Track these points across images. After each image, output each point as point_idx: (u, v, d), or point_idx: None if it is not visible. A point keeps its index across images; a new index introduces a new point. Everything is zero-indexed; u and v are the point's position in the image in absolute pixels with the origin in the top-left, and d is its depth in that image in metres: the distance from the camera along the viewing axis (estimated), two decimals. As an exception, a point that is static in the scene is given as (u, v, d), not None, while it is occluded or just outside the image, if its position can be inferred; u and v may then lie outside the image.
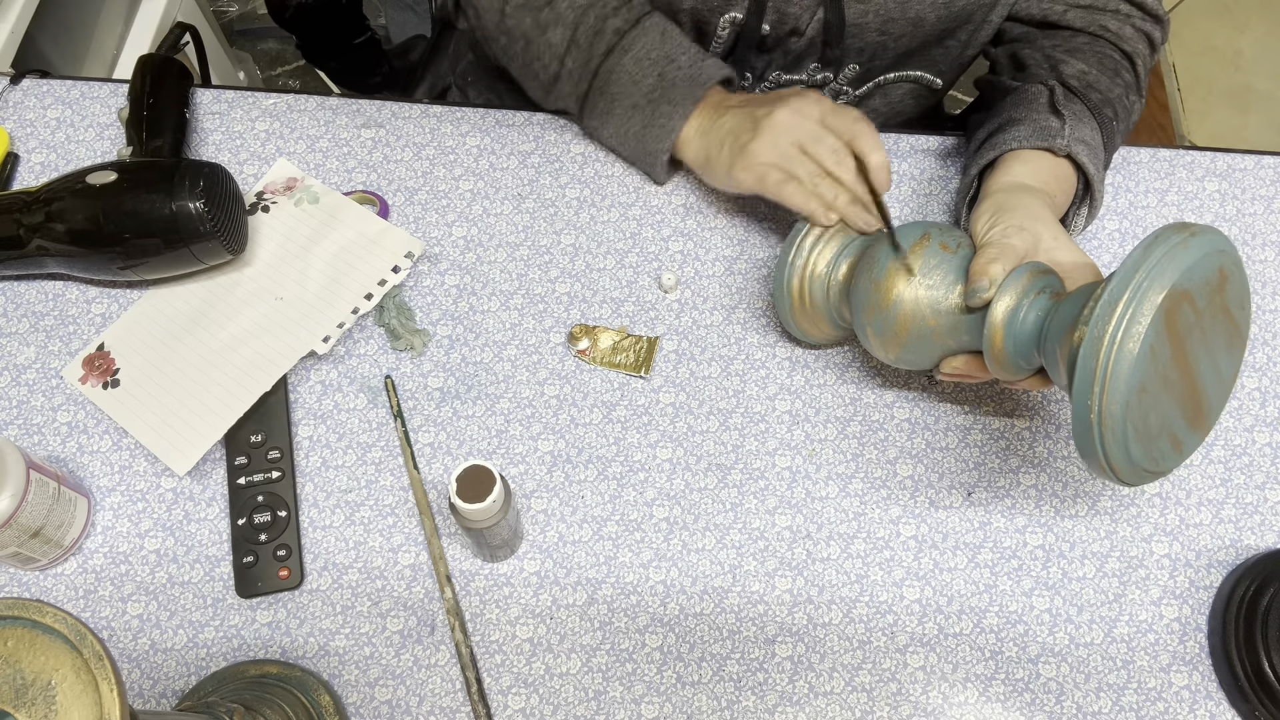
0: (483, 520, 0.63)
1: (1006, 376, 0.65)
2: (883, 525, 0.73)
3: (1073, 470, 0.74)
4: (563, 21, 0.79)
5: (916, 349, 0.66)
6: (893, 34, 0.81)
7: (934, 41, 0.83)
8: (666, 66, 0.78)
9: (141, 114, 0.80)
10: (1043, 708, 0.68)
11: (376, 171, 0.84)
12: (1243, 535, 0.72)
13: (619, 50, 0.79)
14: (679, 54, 0.78)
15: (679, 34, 0.80)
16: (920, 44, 0.83)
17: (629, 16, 0.79)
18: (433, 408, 0.76)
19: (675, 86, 0.78)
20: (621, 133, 0.81)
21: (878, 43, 0.82)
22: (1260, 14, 1.83)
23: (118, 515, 0.73)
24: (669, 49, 0.79)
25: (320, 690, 0.66)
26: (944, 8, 0.79)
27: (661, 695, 0.68)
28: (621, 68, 0.79)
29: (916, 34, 0.81)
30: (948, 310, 0.64)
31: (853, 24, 0.79)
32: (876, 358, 0.73)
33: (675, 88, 0.78)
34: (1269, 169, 0.84)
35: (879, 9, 0.78)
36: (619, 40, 0.79)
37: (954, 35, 0.83)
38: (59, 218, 0.73)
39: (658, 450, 0.75)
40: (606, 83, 0.79)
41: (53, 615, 0.44)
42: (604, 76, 0.79)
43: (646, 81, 0.78)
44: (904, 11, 0.79)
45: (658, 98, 0.78)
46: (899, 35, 0.81)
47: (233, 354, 0.75)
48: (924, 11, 0.79)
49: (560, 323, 0.79)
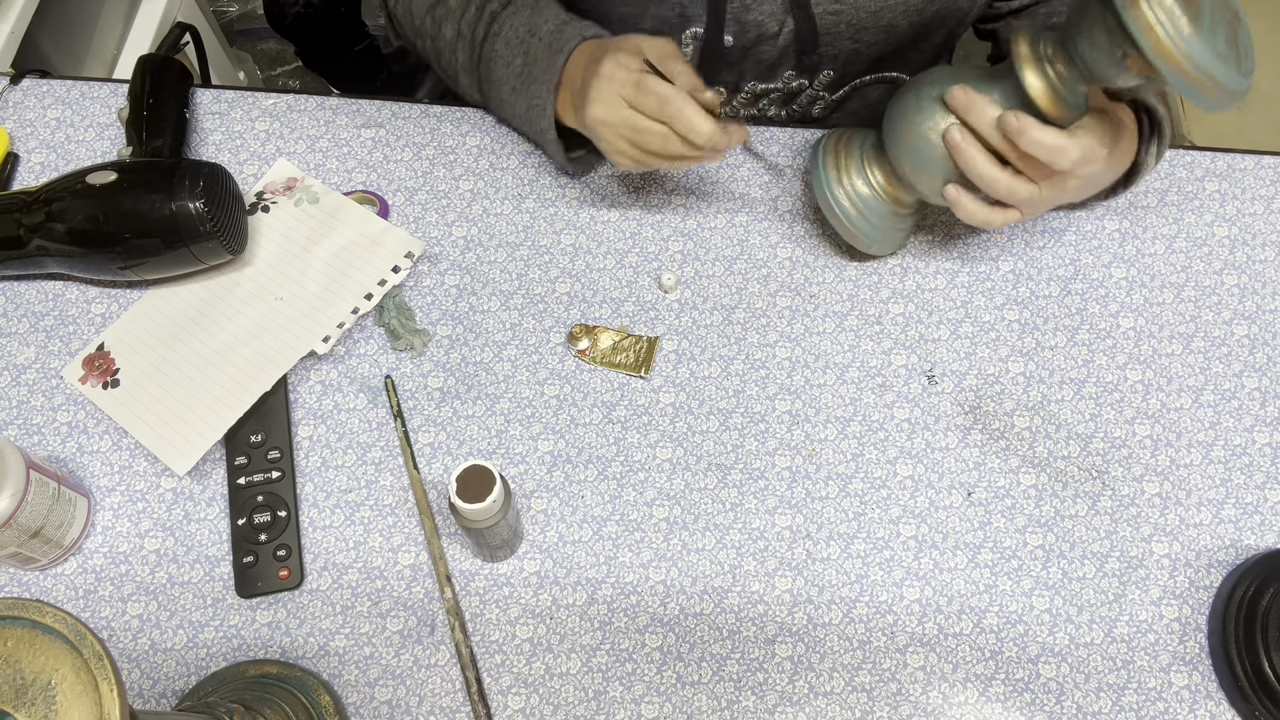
0: (483, 520, 0.63)
1: (1060, 112, 0.63)
2: (883, 525, 0.73)
3: (1073, 470, 0.74)
4: (451, 16, 0.78)
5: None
6: (865, 40, 0.81)
7: (909, 45, 0.83)
8: (530, 42, 0.75)
9: (141, 114, 0.80)
10: (1043, 708, 0.68)
11: (376, 171, 0.84)
12: (1243, 535, 0.72)
13: (492, 35, 0.76)
14: (541, 25, 0.75)
15: (551, 3, 0.76)
16: (894, 49, 0.83)
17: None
18: (433, 408, 0.76)
19: (537, 62, 0.75)
20: (514, 119, 0.79)
21: (852, 49, 0.82)
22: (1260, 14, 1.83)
23: (118, 515, 0.73)
24: (534, 22, 0.75)
25: (320, 690, 0.66)
26: (916, 14, 0.79)
27: (661, 695, 0.68)
28: (495, 53, 0.77)
29: (890, 40, 0.81)
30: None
31: (826, 32, 0.79)
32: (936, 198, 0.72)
33: (537, 63, 0.75)
34: (1269, 169, 0.84)
35: (850, 18, 0.78)
36: (491, 24, 0.76)
37: (928, 39, 0.83)
38: (59, 218, 0.73)
39: (658, 450, 0.75)
40: (490, 70, 0.78)
41: (53, 615, 0.44)
42: (486, 64, 0.77)
43: (516, 62, 0.76)
44: (876, 20, 0.78)
45: (527, 77, 0.76)
46: (872, 42, 0.81)
47: (233, 354, 0.75)
48: (896, 19, 0.78)
49: (560, 323, 0.79)
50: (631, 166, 0.72)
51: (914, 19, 0.79)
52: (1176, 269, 0.81)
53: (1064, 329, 0.79)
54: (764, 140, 0.85)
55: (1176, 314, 0.79)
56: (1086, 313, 0.79)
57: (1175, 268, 0.81)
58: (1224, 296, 0.80)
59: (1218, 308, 0.79)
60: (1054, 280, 0.80)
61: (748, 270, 0.81)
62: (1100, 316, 0.79)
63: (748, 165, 0.84)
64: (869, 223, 0.74)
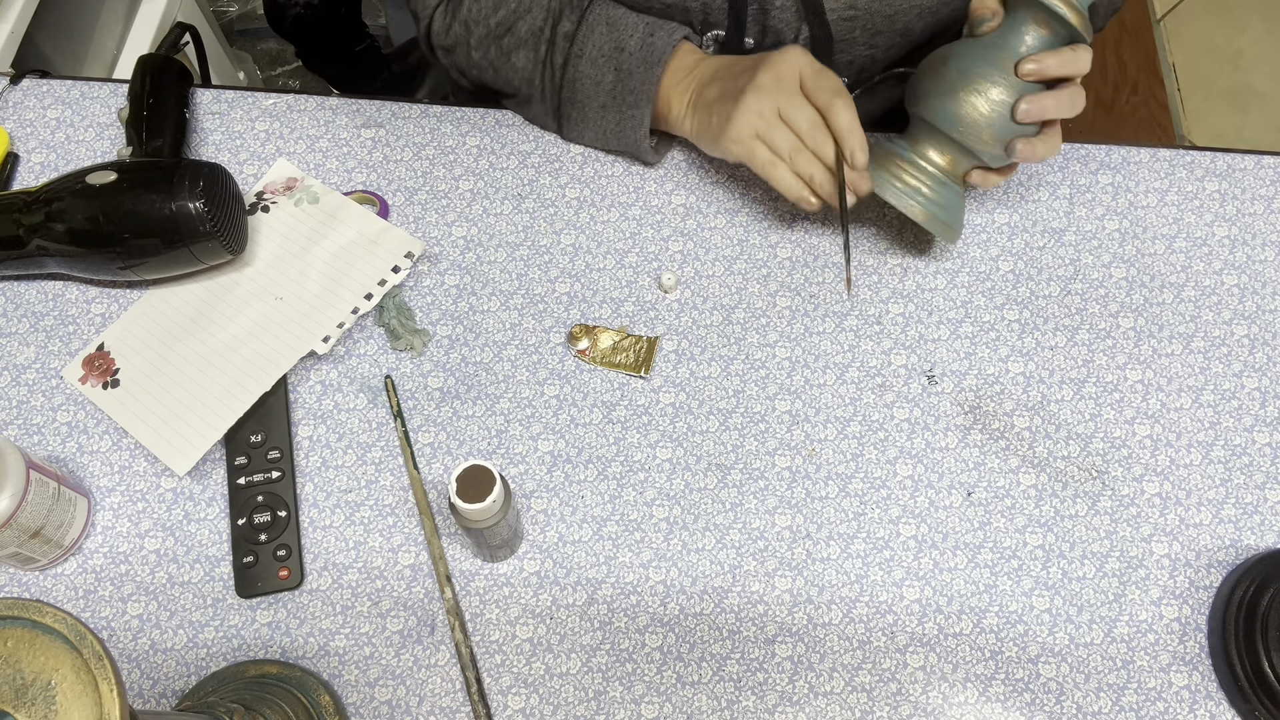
0: (483, 520, 0.63)
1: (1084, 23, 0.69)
2: (883, 525, 0.73)
3: (1073, 470, 0.74)
4: (524, 45, 0.79)
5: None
6: (881, 46, 0.81)
7: (923, 44, 0.83)
8: (619, 58, 0.77)
9: (141, 114, 0.80)
10: (1043, 708, 0.68)
11: (376, 171, 0.84)
12: (1243, 535, 0.72)
13: (574, 57, 0.78)
14: (627, 39, 0.77)
15: (625, 15, 0.78)
16: (909, 52, 0.83)
17: (574, 16, 0.78)
18: (433, 408, 0.76)
19: (632, 75, 0.76)
20: (601, 134, 0.81)
21: (866, 56, 0.82)
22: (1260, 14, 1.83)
23: (118, 515, 0.73)
24: (618, 37, 0.77)
25: (320, 690, 0.66)
26: (931, 15, 0.79)
27: (661, 695, 0.68)
28: (581, 74, 0.78)
29: (905, 43, 0.81)
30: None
31: (841, 38, 0.79)
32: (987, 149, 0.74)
33: (632, 76, 0.76)
34: (1269, 169, 0.84)
35: (865, 23, 0.78)
36: (570, 46, 0.77)
37: (942, 37, 0.83)
38: (59, 218, 0.73)
39: (658, 450, 0.75)
40: (573, 93, 0.79)
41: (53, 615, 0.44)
42: (569, 88, 0.79)
43: (606, 80, 0.77)
44: (891, 24, 0.78)
45: (621, 91, 0.77)
46: (887, 47, 0.81)
47: (233, 354, 0.75)
48: (911, 21, 0.78)
49: (560, 323, 0.79)
50: (741, 156, 0.75)
51: (928, 20, 0.79)
52: (1176, 269, 0.81)
53: (1064, 329, 0.79)
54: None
55: (1176, 314, 0.79)
56: (1086, 313, 0.79)
57: (1175, 268, 0.81)
58: (1224, 296, 0.80)
59: (1218, 308, 0.79)
60: (1054, 280, 0.80)
61: (748, 270, 0.81)
62: (1100, 316, 0.79)
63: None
64: (945, 208, 0.74)
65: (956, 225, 0.75)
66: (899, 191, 0.73)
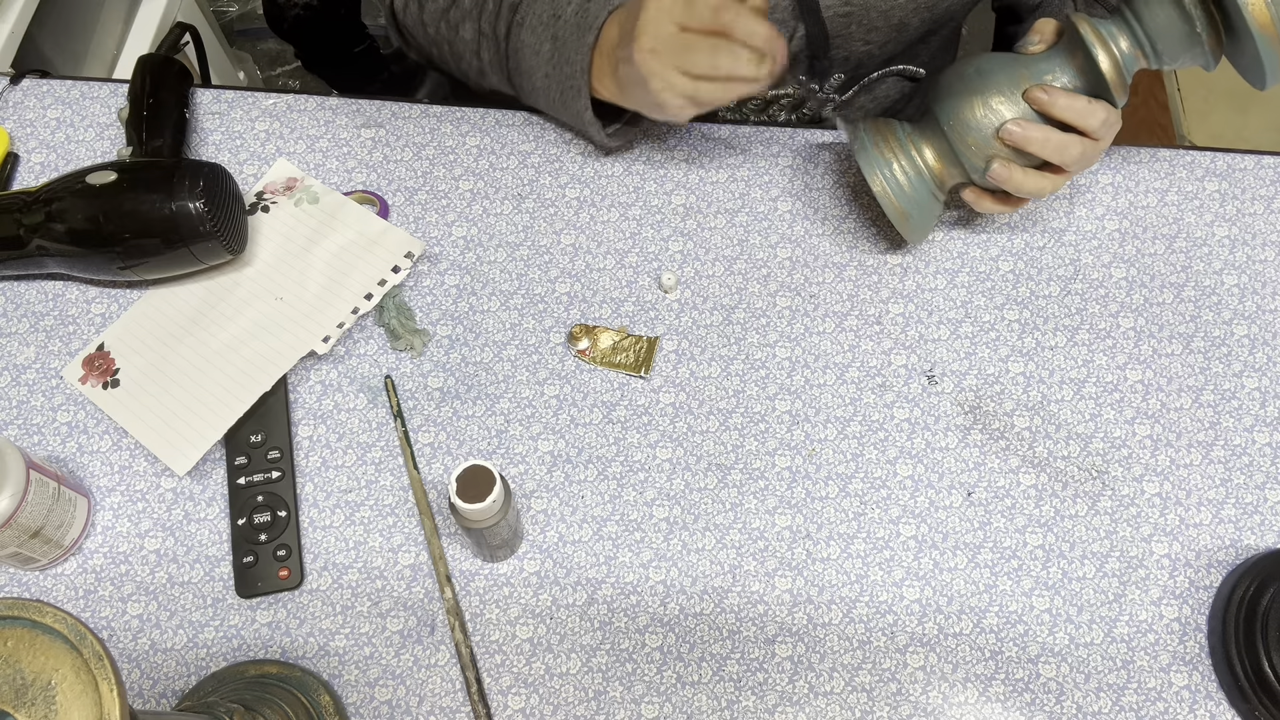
0: (483, 520, 0.63)
1: (1122, 87, 0.68)
2: (883, 525, 0.73)
3: (1073, 470, 0.74)
4: (469, 16, 0.78)
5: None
6: (877, 41, 0.81)
7: (918, 41, 0.83)
8: (555, 26, 0.74)
9: (141, 114, 0.80)
10: (1043, 708, 0.68)
11: (376, 171, 0.84)
12: (1243, 535, 0.72)
13: (516, 25, 0.76)
14: (564, 5, 0.74)
15: None
16: (905, 48, 0.83)
17: None
18: (433, 408, 0.76)
19: (566, 43, 0.74)
20: (551, 106, 0.79)
21: (863, 51, 0.82)
22: (1260, 14, 1.83)
23: (118, 515, 0.73)
24: (556, 5, 0.74)
25: (320, 690, 0.66)
26: (927, 10, 0.79)
27: (661, 695, 0.68)
28: (523, 43, 0.76)
29: (901, 39, 0.81)
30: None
31: (836, 35, 0.79)
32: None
33: (567, 44, 0.74)
34: (1269, 169, 0.84)
35: (861, 19, 0.78)
36: (513, 15, 0.76)
37: (937, 33, 0.83)
38: (59, 218, 0.73)
39: (658, 450, 0.75)
40: (518, 63, 0.77)
41: (53, 615, 0.44)
42: (514, 58, 0.77)
43: (544, 49, 0.75)
44: (887, 20, 0.78)
45: (558, 60, 0.75)
46: (884, 42, 0.81)
47: (233, 354, 0.75)
48: (907, 17, 0.78)
49: (560, 323, 0.79)
50: (681, 107, 0.69)
51: (924, 15, 0.78)
52: (1176, 269, 0.81)
53: (1064, 329, 0.79)
54: (773, 142, 0.85)
55: (1176, 314, 0.79)
56: (1086, 313, 0.79)
57: (1175, 268, 0.81)
58: (1224, 296, 0.80)
59: (1218, 308, 0.79)
60: (1054, 280, 0.80)
61: (748, 270, 0.81)
62: (1100, 316, 0.79)
63: (747, 166, 0.84)
64: (914, 203, 0.74)
65: (919, 225, 0.75)
66: (872, 160, 0.73)
